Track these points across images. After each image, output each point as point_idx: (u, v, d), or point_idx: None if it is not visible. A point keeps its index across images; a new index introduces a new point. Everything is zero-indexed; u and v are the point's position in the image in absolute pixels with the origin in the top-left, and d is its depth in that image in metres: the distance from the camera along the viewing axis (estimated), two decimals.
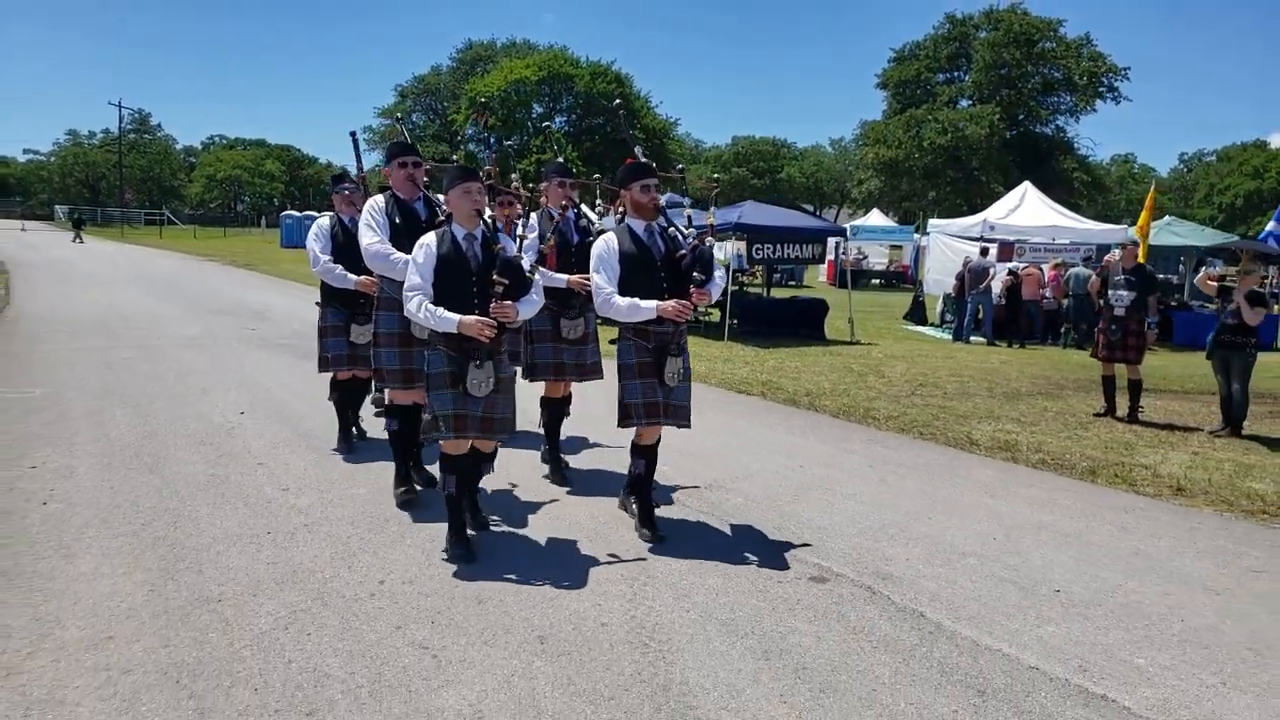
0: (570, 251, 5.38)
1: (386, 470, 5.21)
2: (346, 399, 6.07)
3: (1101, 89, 41.38)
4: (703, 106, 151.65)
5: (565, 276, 5.27)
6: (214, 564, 3.88)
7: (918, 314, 18.87)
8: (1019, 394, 9.96)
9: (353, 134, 5.94)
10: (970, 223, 18.25)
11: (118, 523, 4.34)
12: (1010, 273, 16.21)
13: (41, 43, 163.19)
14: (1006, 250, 17.87)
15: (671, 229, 4.58)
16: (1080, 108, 42.04)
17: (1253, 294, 8.10)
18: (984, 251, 16.56)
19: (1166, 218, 19.76)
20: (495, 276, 3.99)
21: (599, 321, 5.51)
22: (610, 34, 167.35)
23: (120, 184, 70.09)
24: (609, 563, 4.20)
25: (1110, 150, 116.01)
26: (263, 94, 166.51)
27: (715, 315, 15.70)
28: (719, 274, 4.55)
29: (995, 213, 18.35)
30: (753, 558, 4.31)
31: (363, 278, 5.35)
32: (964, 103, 43.02)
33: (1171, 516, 5.46)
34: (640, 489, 4.68)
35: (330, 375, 6.04)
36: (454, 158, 4.89)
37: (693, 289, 4.36)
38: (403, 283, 4.38)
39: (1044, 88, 42.43)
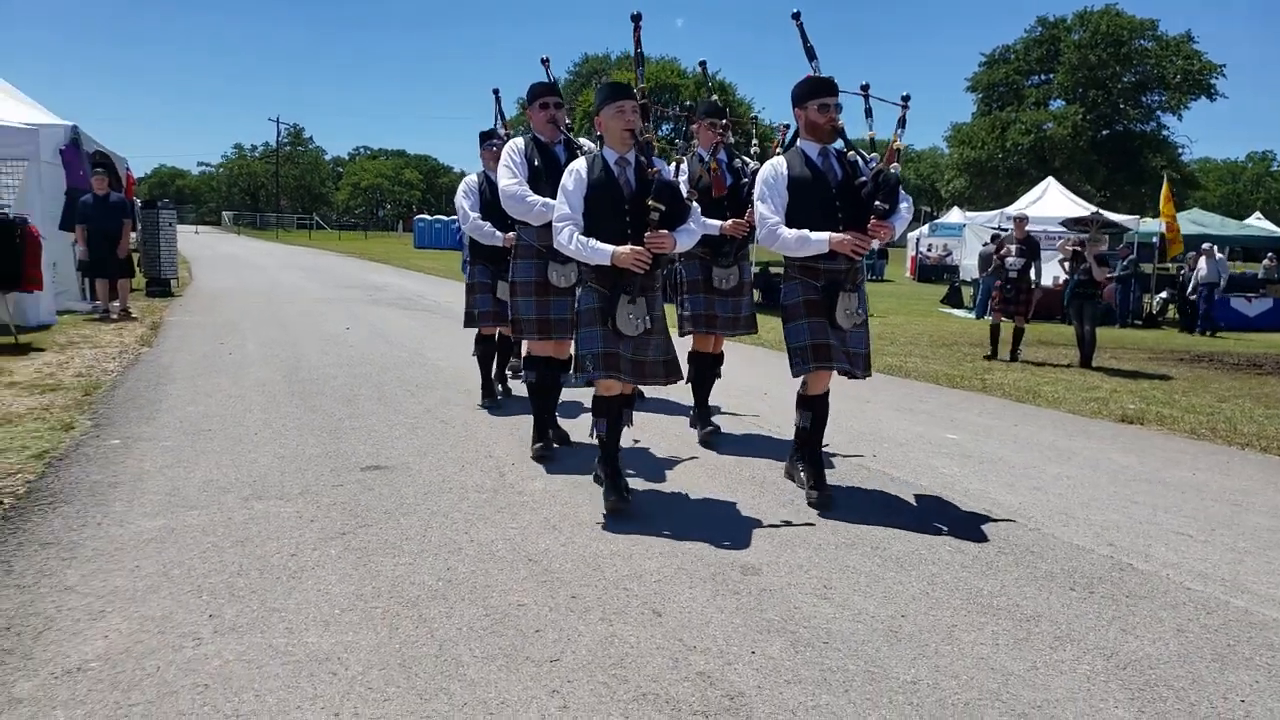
0: (723, 195, 5.05)
1: (450, 357, 8.40)
2: (490, 353, 6.28)
3: (1197, 87, 41.33)
4: None
5: (718, 222, 4.93)
6: (315, 372, 7.24)
7: (954, 298, 20.80)
8: (952, 344, 12.05)
9: (495, 91, 5.95)
10: (991, 215, 20.25)
11: (268, 360, 7.81)
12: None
13: (212, 66, 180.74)
14: None
15: (851, 153, 4.10)
16: (1174, 106, 42.06)
17: (1100, 256, 10.36)
18: (994, 239, 18.53)
19: (1195, 209, 21.09)
20: (651, 202, 3.66)
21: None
22: (738, 32, 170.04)
23: (277, 192, 78.11)
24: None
25: (1246, 148, 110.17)
26: (403, 108, 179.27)
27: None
28: (905, 204, 4.00)
29: (1017, 206, 20.27)
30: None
31: (510, 234, 5.10)
32: (1055, 104, 43.75)
33: (941, 394, 7.67)
34: (810, 447, 4.28)
35: (475, 331, 6.24)
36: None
37: (873, 220, 3.85)
38: (540, 229, 4.27)
39: (1136, 87, 42.66)
